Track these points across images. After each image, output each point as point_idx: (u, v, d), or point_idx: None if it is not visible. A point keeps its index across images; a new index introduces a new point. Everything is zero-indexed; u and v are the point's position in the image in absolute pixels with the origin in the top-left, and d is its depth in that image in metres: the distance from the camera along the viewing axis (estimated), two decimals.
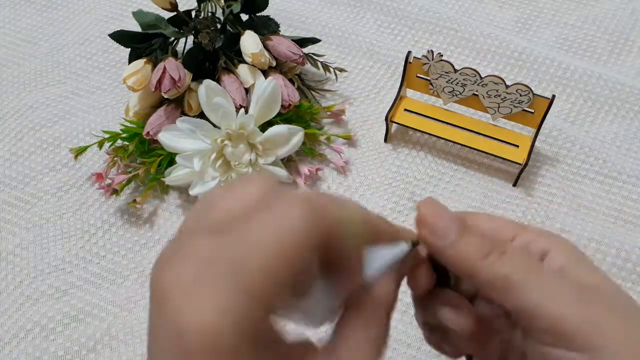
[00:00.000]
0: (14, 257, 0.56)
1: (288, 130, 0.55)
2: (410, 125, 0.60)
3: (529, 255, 0.25)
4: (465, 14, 0.74)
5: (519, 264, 0.24)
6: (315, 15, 0.75)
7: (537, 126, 0.56)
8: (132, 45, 0.61)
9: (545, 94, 0.60)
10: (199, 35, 0.58)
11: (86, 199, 0.60)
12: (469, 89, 0.56)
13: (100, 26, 0.75)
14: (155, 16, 0.62)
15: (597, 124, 0.63)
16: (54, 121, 0.66)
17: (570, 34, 0.71)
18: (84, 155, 0.60)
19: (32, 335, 0.52)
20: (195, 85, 0.59)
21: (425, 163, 0.61)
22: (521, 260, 0.24)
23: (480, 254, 0.24)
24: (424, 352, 0.50)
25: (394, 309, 0.24)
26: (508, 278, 0.24)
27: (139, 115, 0.59)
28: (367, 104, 0.66)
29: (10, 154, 0.63)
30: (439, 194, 0.59)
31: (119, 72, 0.70)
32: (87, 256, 0.56)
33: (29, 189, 0.61)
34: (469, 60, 0.69)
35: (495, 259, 0.24)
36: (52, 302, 0.53)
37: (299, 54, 0.59)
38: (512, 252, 0.24)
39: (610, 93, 0.65)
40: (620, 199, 0.57)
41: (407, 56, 0.57)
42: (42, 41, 0.74)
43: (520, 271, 0.24)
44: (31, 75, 0.70)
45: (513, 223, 0.28)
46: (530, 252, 0.26)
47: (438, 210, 0.25)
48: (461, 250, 0.24)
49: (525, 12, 0.74)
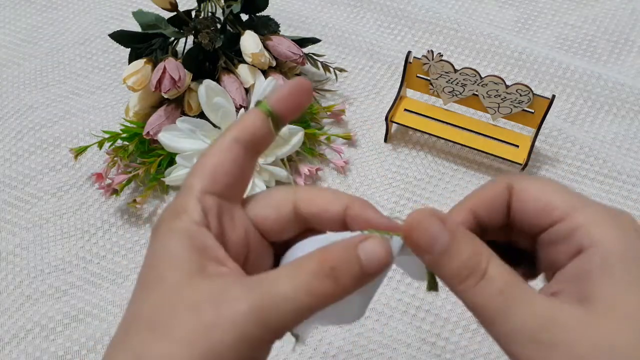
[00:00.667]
0: (14, 257, 0.56)
1: (288, 130, 0.55)
2: (410, 125, 0.60)
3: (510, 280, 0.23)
4: (465, 14, 0.74)
5: (495, 292, 0.23)
6: (315, 15, 0.75)
7: (537, 126, 0.56)
8: (132, 45, 0.61)
9: (545, 94, 0.60)
10: (199, 35, 0.58)
11: (86, 199, 0.60)
12: (469, 89, 0.56)
13: (100, 26, 0.75)
14: (155, 16, 0.62)
15: (597, 124, 0.63)
16: (54, 121, 0.66)
17: (570, 34, 0.71)
18: (84, 155, 0.60)
19: (32, 335, 0.52)
20: (195, 85, 0.59)
21: (425, 163, 0.61)
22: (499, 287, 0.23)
23: (457, 278, 0.24)
24: (424, 352, 0.50)
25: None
26: (484, 308, 0.23)
27: (139, 115, 0.59)
28: (367, 104, 0.66)
29: (10, 154, 0.63)
30: (438, 194, 0.59)
31: (119, 72, 0.70)
32: (87, 256, 0.56)
33: (29, 189, 0.61)
34: (469, 60, 0.69)
35: (471, 285, 0.23)
36: (52, 302, 0.53)
37: (299, 54, 0.59)
38: (489, 277, 0.23)
39: (610, 93, 0.65)
40: (620, 199, 0.57)
41: (407, 56, 0.57)
42: (42, 41, 0.74)
43: (497, 300, 0.23)
44: (31, 75, 0.70)
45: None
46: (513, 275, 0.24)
47: (424, 224, 0.24)
48: (441, 270, 0.24)
49: (525, 12, 0.74)
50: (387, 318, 0.51)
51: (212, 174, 0.26)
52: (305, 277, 0.23)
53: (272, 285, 0.22)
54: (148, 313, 0.22)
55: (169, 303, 0.22)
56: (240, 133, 0.26)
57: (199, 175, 0.26)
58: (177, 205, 0.25)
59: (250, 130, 0.26)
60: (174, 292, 0.23)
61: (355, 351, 0.50)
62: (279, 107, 0.27)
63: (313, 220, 0.27)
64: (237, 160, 0.26)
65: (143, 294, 0.24)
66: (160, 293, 0.23)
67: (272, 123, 0.27)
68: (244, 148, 0.26)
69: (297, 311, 0.22)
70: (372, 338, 0.50)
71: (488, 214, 0.27)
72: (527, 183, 0.26)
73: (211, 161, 0.26)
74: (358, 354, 0.50)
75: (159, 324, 0.22)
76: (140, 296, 0.24)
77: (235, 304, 0.22)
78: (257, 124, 0.27)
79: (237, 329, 0.21)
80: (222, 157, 0.26)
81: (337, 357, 0.50)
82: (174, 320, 0.22)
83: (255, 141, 0.27)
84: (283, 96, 0.27)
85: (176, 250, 0.24)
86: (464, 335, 0.50)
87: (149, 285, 0.24)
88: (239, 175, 0.27)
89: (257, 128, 0.27)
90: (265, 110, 0.27)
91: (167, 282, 0.23)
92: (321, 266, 0.23)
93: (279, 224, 0.27)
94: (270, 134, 0.27)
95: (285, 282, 0.22)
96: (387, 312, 0.52)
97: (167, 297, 0.23)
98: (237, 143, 0.26)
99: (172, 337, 0.21)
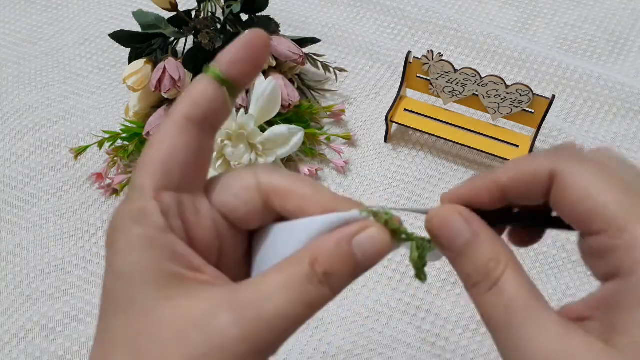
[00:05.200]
0: (14, 257, 0.56)
1: (288, 130, 0.55)
2: (410, 125, 0.60)
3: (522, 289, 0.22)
4: (465, 14, 0.74)
5: (500, 305, 0.21)
6: (315, 15, 0.75)
7: (537, 126, 0.56)
8: (132, 45, 0.61)
9: (545, 94, 0.59)
10: (199, 35, 0.58)
11: (86, 199, 0.60)
12: (469, 89, 0.56)
13: (100, 26, 0.75)
14: (155, 16, 0.62)
15: (597, 124, 0.63)
16: (54, 121, 0.66)
17: (570, 34, 0.71)
18: (84, 155, 0.60)
19: (32, 335, 0.52)
20: None
21: (425, 163, 0.61)
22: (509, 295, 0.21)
23: (470, 281, 0.23)
24: (424, 352, 0.50)
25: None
26: (488, 318, 0.22)
27: (139, 115, 0.60)
28: (367, 104, 0.66)
29: (10, 154, 0.63)
30: (439, 194, 0.58)
31: (119, 72, 0.70)
32: (87, 256, 0.56)
33: (29, 189, 0.61)
34: (469, 60, 0.69)
35: (480, 291, 0.22)
36: (52, 302, 0.53)
37: (299, 54, 0.59)
38: (499, 288, 0.22)
39: (610, 93, 0.65)
40: None
41: (407, 56, 0.57)
42: (42, 41, 0.74)
43: (499, 314, 0.21)
44: (31, 75, 0.70)
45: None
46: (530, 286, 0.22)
47: (448, 219, 0.23)
48: (457, 268, 0.23)
49: (525, 12, 0.74)
50: (387, 318, 0.51)
51: (164, 167, 0.22)
52: (298, 286, 0.21)
53: (264, 302, 0.20)
54: (129, 340, 0.20)
55: (150, 329, 0.20)
56: (191, 109, 0.22)
57: (149, 170, 0.22)
58: (132, 210, 0.22)
59: (201, 103, 0.22)
60: (153, 315, 0.20)
61: (355, 351, 0.50)
62: (232, 70, 0.23)
63: (289, 216, 0.24)
64: (191, 144, 0.22)
65: (116, 316, 0.21)
66: (137, 316, 0.20)
67: (227, 91, 0.23)
68: (198, 127, 0.22)
69: (293, 325, 0.21)
70: (372, 338, 0.50)
71: (519, 196, 0.24)
72: (575, 172, 0.22)
73: (161, 151, 0.22)
74: (358, 354, 0.50)
75: (145, 355, 0.20)
76: (113, 317, 0.21)
77: (226, 331, 0.20)
78: (209, 95, 0.22)
79: (229, 357, 0.20)
80: (173, 143, 0.22)
81: (337, 357, 0.50)
82: (159, 351, 0.20)
83: (210, 116, 0.23)
84: (234, 56, 0.23)
85: (142, 262, 0.21)
86: (464, 335, 0.50)
87: (121, 305, 0.21)
88: (196, 161, 0.23)
89: (210, 100, 0.22)
90: (216, 77, 0.23)
91: (141, 301, 0.21)
92: (314, 271, 0.21)
93: (249, 215, 0.24)
94: (226, 104, 0.23)
95: (278, 296, 0.20)
96: (387, 312, 0.52)
97: (146, 321, 0.20)
98: (188, 122, 0.22)
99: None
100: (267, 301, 0.20)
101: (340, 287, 0.22)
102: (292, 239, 0.22)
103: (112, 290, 0.21)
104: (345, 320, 0.51)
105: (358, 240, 0.22)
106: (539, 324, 0.20)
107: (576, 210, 0.21)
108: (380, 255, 0.22)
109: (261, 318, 0.20)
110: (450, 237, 0.23)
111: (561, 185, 0.22)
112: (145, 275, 0.21)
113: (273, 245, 0.24)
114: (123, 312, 0.21)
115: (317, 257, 0.21)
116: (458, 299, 0.52)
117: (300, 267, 0.21)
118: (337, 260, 0.21)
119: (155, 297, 0.21)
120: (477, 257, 0.22)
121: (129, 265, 0.21)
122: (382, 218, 0.22)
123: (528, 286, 0.22)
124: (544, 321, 0.20)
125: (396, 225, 0.22)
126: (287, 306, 0.20)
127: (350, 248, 0.21)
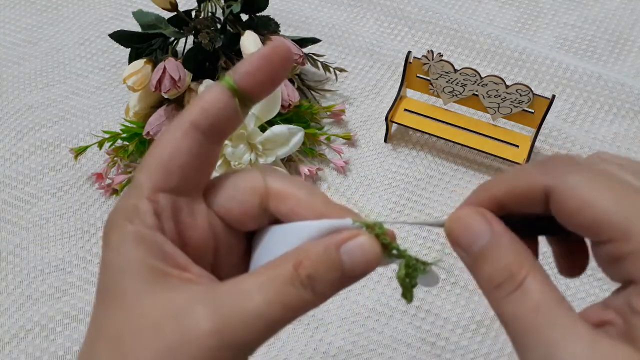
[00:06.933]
0: (14, 257, 0.56)
1: (288, 130, 0.55)
2: (410, 125, 0.60)
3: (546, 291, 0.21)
4: (465, 14, 0.74)
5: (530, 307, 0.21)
6: (315, 15, 0.75)
7: (537, 126, 0.56)
8: (132, 45, 0.61)
9: (545, 94, 0.59)
10: (199, 35, 0.58)
11: (86, 199, 0.60)
12: (469, 89, 0.56)
13: (100, 26, 0.75)
14: (155, 16, 0.62)
15: (597, 124, 0.63)
16: (54, 121, 0.66)
17: (570, 34, 0.71)
18: (84, 155, 0.60)
19: (32, 335, 0.52)
20: (195, 85, 0.59)
21: (425, 163, 0.61)
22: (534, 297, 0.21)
23: (492, 283, 0.22)
24: (424, 352, 0.50)
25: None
26: (515, 321, 0.21)
27: (139, 115, 0.60)
28: (367, 104, 0.66)
29: (10, 154, 0.63)
30: (439, 194, 0.59)
31: (119, 72, 0.70)
32: (87, 256, 0.56)
33: (29, 189, 0.61)
34: (469, 60, 0.69)
35: (504, 293, 0.21)
36: (52, 302, 0.53)
37: (299, 54, 0.59)
38: (526, 289, 0.21)
39: (610, 93, 0.65)
40: None
41: (407, 56, 0.57)
42: (42, 41, 0.74)
43: (530, 316, 0.20)
44: (31, 75, 0.70)
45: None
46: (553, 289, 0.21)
47: (467, 220, 0.23)
48: (476, 272, 0.23)
49: (525, 12, 0.74)
50: (387, 318, 0.51)
51: (164, 168, 0.22)
52: (278, 287, 0.20)
53: (240, 300, 0.20)
54: (112, 330, 0.21)
55: (132, 320, 0.21)
56: (199, 116, 0.22)
57: (149, 170, 0.22)
58: (126, 207, 0.22)
59: (210, 111, 0.22)
60: (136, 307, 0.21)
61: (355, 351, 0.50)
62: (246, 82, 0.22)
63: (282, 218, 0.24)
64: (194, 150, 0.22)
65: (105, 307, 0.22)
66: (122, 307, 0.21)
67: (238, 102, 0.22)
68: (203, 134, 0.22)
69: (269, 326, 0.20)
70: (372, 338, 0.50)
71: (519, 207, 0.23)
72: (569, 184, 0.21)
73: (163, 153, 0.22)
74: (358, 354, 0.50)
75: (124, 345, 0.20)
76: (102, 309, 0.22)
77: (199, 324, 0.20)
78: (220, 105, 0.22)
79: (201, 351, 0.20)
80: (176, 147, 0.22)
81: (337, 357, 0.50)
82: (137, 341, 0.20)
83: (218, 125, 0.23)
84: (250, 68, 0.22)
85: (133, 257, 0.21)
86: (464, 335, 0.50)
87: (110, 297, 0.22)
88: (197, 166, 0.23)
89: (219, 109, 0.22)
90: (229, 87, 0.22)
91: (128, 294, 0.21)
92: (297, 273, 0.21)
93: (245, 217, 0.24)
94: (237, 115, 0.23)
95: (256, 295, 0.20)
96: (387, 312, 0.52)
97: (130, 313, 0.21)
98: (194, 129, 0.22)
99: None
100: (244, 299, 0.20)
101: (324, 293, 0.21)
102: (285, 241, 0.22)
103: (102, 283, 0.22)
104: (345, 320, 0.51)
105: (347, 247, 0.21)
106: (569, 328, 0.20)
107: (578, 222, 0.21)
108: (369, 266, 0.22)
109: (236, 315, 0.20)
110: (472, 238, 0.22)
111: (558, 198, 0.22)
112: (133, 269, 0.21)
113: (268, 246, 0.24)
114: (111, 304, 0.21)
115: (302, 260, 0.21)
116: (458, 299, 0.52)
117: (283, 269, 0.21)
118: (322, 264, 0.21)
119: (140, 290, 0.21)
120: (500, 258, 0.22)
121: (119, 259, 0.21)
122: (374, 231, 0.22)
123: (553, 288, 0.21)
124: (574, 325, 0.20)
125: (387, 239, 0.22)
126: (264, 306, 0.20)
127: (338, 254, 0.21)
